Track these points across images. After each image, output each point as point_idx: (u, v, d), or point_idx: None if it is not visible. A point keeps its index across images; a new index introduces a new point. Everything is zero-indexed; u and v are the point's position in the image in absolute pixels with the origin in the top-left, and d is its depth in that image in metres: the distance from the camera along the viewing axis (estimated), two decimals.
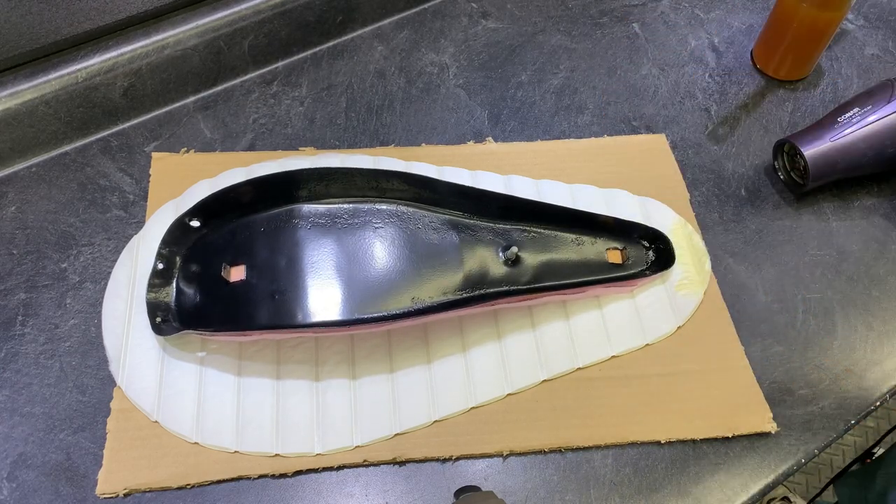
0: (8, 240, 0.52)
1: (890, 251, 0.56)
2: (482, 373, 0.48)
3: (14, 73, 0.54)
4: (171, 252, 0.47)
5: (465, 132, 0.60)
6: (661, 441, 0.46)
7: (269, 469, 0.44)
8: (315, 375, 0.47)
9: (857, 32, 0.70)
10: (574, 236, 0.51)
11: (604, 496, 0.45)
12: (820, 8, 0.58)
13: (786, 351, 0.50)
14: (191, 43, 0.58)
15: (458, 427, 0.46)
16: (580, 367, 0.48)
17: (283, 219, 0.48)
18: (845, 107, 0.56)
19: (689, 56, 0.67)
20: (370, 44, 0.66)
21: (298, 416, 0.45)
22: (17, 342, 0.48)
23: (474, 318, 0.49)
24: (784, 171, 0.59)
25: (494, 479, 0.45)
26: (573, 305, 0.51)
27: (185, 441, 0.44)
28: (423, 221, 0.49)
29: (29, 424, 0.45)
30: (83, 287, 0.50)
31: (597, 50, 0.67)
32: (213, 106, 0.61)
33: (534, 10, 0.70)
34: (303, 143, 0.59)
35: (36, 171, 0.56)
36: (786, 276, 0.54)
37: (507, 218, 0.50)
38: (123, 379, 0.46)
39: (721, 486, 0.45)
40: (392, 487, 0.44)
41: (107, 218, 0.54)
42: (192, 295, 0.46)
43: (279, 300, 0.45)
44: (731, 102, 0.64)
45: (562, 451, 0.46)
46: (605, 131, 0.61)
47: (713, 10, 0.71)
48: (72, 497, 0.43)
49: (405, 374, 0.47)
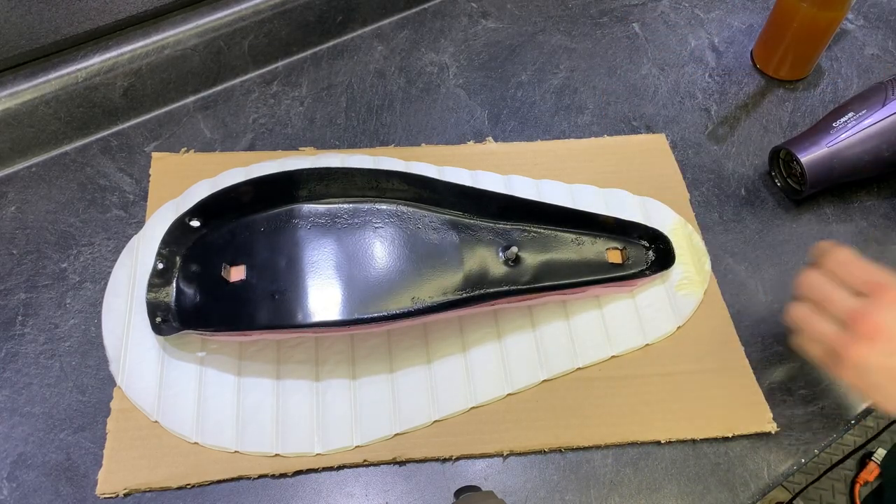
0: (8, 240, 0.52)
1: (890, 251, 0.56)
2: (482, 373, 0.48)
3: (14, 73, 0.54)
4: (171, 252, 0.47)
5: (465, 132, 0.60)
6: (661, 441, 0.46)
7: (269, 469, 0.44)
8: (315, 375, 0.47)
9: (857, 32, 0.70)
10: (574, 236, 0.51)
11: (604, 496, 0.45)
12: (820, 8, 0.58)
13: (786, 351, 0.50)
14: (191, 43, 0.58)
15: (458, 427, 0.46)
16: (580, 367, 0.48)
17: (283, 219, 0.48)
18: (840, 111, 0.56)
19: (689, 56, 0.67)
20: (370, 44, 0.66)
21: (298, 416, 0.45)
22: (17, 342, 0.48)
23: (474, 318, 0.49)
24: (781, 177, 0.58)
25: (494, 479, 0.45)
26: (573, 305, 0.51)
27: (185, 441, 0.44)
28: (423, 221, 0.49)
29: (29, 424, 0.45)
30: (83, 287, 0.50)
31: (597, 50, 0.67)
32: (213, 106, 0.61)
33: (534, 10, 0.70)
34: (303, 143, 0.59)
35: (36, 171, 0.56)
36: (786, 276, 0.54)
37: (507, 218, 0.50)
38: (123, 379, 0.46)
39: (721, 486, 0.45)
40: (392, 487, 0.44)
41: (107, 218, 0.54)
42: (191, 295, 0.46)
43: (279, 300, 0.45)
44: (731, 102, 0.64)
45: (562, 451, 0.46)
46: (605, 131, 0.61)
47: (713, 10, 0.71)
48: (72, 497, 0.43)
49: (405, 374, 0.47)
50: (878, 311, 0.40)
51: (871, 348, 0.40)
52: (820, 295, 0.43)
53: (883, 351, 0.40)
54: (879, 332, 0.40)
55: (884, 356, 0.40)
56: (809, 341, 0.44)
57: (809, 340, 0.44)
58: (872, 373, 0.40)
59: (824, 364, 0.43)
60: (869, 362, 0.40)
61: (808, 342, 0.44)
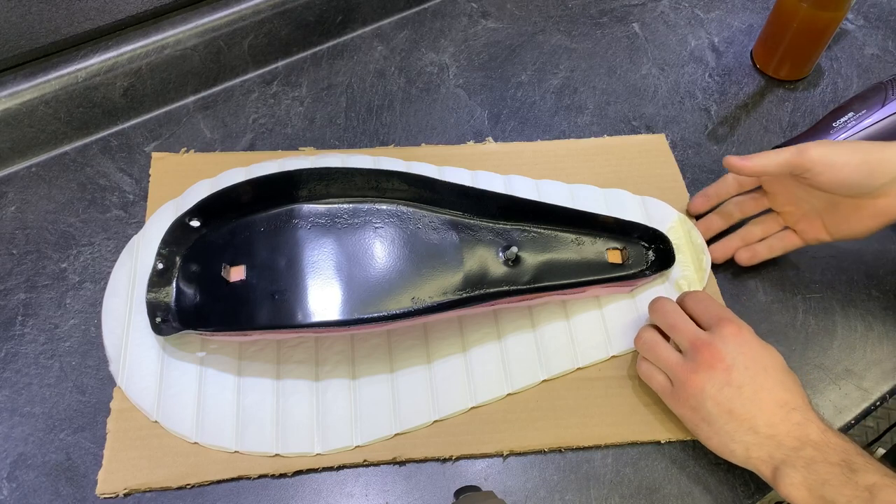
0: (8, 240, 0.52)
1: (890, 251, 0.56)
2: (482, 373, 0.48)
3: (14, 73, 0.54)
4: (171, 252, 0.47)
5: (465, 132, 0.60)
6: (661, 441, 0.46)
7: (269, 469, 0.44)
8: (315, 375, 0.47)
9: (857, 32, 0.70)
10: (574, 236, 0.51)
11: (604, 496, 0.45)
12: (820, 8, 0.58)
13: (786, 351, 0.50)
14: (191, 43, 0.58)
15: (458, 427, 0.46)
16: (580, 367, 0.48)
17: (283, 219, 0.48)
18: (840, 111, 0.56)
19: (689, 56, 0.67)
20: (370, 44, 0.66)
21: (298, 416, 0.45)
22: (17, 342, 0.48)
23: (474, 319, 0.49)
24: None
25: (494, 479, 0.45)
26: (573, 305, 0.51)
27: (185, 441, 0.44)
28: (423, 221, 0.49)
29: (29, 424, 0.45)
30: (83, 287, 0.50)
31: (597, 50, 0.67)
32: (213, 106, 0.61)
33: (534, 10, 0.70)
34: (303, 143, 0.59)
35: (36, 171, 0.56)
36: (786, 276, 0.54)
37: (507, 218, 0.50)
38: (123, 379, 0.46)
39: (721, 486, 0.45)
40: (392, 487, 0.44)
41: (107, 218, 0.54)
42: (191, 295, 0.46)
43: (279, 300, 0.45)
44: (731, 102, 0.64)
45: (562, 451, 0.46)
46: (605, 131, 0.61)
47: (713, 10, 0.71)
48: (72, 497, 0.43)
49: (405, 374, 0.47)
50: (718, 340, 0.42)
51: (710, 378, 0.41)
52: (669, 321, 0.45)
53: (719, 381, 0.41)
54: (719, 361, 0.42)
55: (718, 385, 0.41)
56: (651, 369, 0.46)
57: (651, 369, 0.46)
58: (707, 402, 0.41)
59: (662, 394, 0.45)
60: (706, 391, 0.41)
61: (650, 370, 0.46)
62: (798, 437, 0.39)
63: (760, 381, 0.41)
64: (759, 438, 0.40)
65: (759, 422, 0.40)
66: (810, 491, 0.37)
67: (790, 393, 0.41)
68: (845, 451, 0.38)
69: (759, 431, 0.40)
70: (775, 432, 0.40)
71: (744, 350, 0.42)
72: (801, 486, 0.37)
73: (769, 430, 0.40)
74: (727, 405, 0.41)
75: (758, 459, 0.40)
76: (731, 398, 0.41)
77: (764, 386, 0.41)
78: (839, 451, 0.38)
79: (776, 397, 0.41)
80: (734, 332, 0.42)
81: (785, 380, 0.42)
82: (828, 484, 0.37)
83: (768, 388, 0.41)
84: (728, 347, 0.42)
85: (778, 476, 0.38)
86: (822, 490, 0.37)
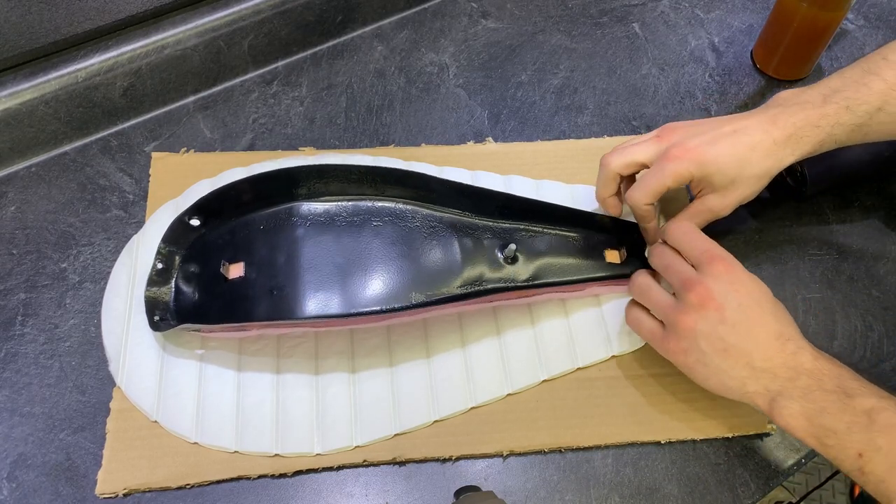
0: (8, 240, 0.52)
1: (890, 251, 0.56)
2: (482, 373, 0.48)
3: (14, 73, 0.54)
4: (171, 251, 0.47)
5: (465, 132, 0.60)
6: (661, 441, 0.46)
7: (269, 469, 0.44)
8: (315, 375, 0.47)
9: (857, 32, 0.70)
10: (573, 235, 0.51)
11: (604, 496, 0.45)
12: (820, 8, 0.58)
13: None
14: (191, 43, 0.58)
15: (458, 427, 0.46)
16: (580, 366, 0.48)
17: (282, 217, 0.48)
18: None
19: (689, 56, 0.67)
20: (370, 44, 0.66)
21: (298, 416, 0.45)
22: (17, 342, 0.48)
23: (474, 318, 0.49)
24: (780, 177, 0.58)
25: (494, 479, 0.45)
26: (573, 305, 0.51)
27: (185, 441, 0.44)
28: (423, 220, 0.49)
29: (29, 424, 0.45)
30: (83, 287, 0.50)
31: (597, 50, 0.67)
32: (213, 106, 0.61)
33: (534, 10, 0.70)
34: (303, 143, 0.59)
35: (36, 171, 0.56)
36: (786, 276, 0.54)
37: (506, 217, 0.50)
38: (123, 379, 0.46)
39: (721, 486, 0.45)
40: (392, 487, 0.44)
41: (106, 218, 0.54)
42: (190, 293, 0.46)
43: (277, 296, 0.45)
44: (731, 102, 0.64)
45: (562, 451, 0.46)
46: (605, 131, 0.61)
47: (713, 10, 0.71)
48: (72, 497, 0.43)
49: (405, 374, 0.47)
50: (709, 279, 0.41)
51: (702, 317, 0.41)
52: (661, 263, 0.45)
53: (711, 319, 0.40)
54: (710, 299, 0.41)
55: (711, 324, 0.40)
56: (640, 315, 0.45)
57: (640, 315, 0.45)
58: (701, 342, 0.41)
59: (653, 340, 0.44)
60: (696, 330, 0.41)
61: (639, 317, 0.45)
62: (792, 367, 0.39)
63: (755, 316, 0.41)
64: (754, 373, 0.40)
65: (755, 357, 0.40)
66: (809, 420, 0.37)
67: (781, 323, 0.41)
68: (839, 377, 0.38)
69: (755, 366, 0.40)
70: (770, 365, 0.40)
71: (736, 287, 0.41)
72: (800, 415, 0.37)
73: (765, 363, 0.40)
74: (721, 344, 0.40)
75: (754, 393, 0.40)
76: (725, 336, 0.40)
77: (759, 321, 0.41)
78: (833, 377, 0.38)
79: (770, 330, 0.40)
80: (725, 270, 0.42)
81: (776, 311, 0.42)
82: (826, 412, 0.37)
83: (763, 323, 0.41)
84: (720, 286, 0.41)
85: (775, 408, 0.38)
86: (820, 418, 0.37)
